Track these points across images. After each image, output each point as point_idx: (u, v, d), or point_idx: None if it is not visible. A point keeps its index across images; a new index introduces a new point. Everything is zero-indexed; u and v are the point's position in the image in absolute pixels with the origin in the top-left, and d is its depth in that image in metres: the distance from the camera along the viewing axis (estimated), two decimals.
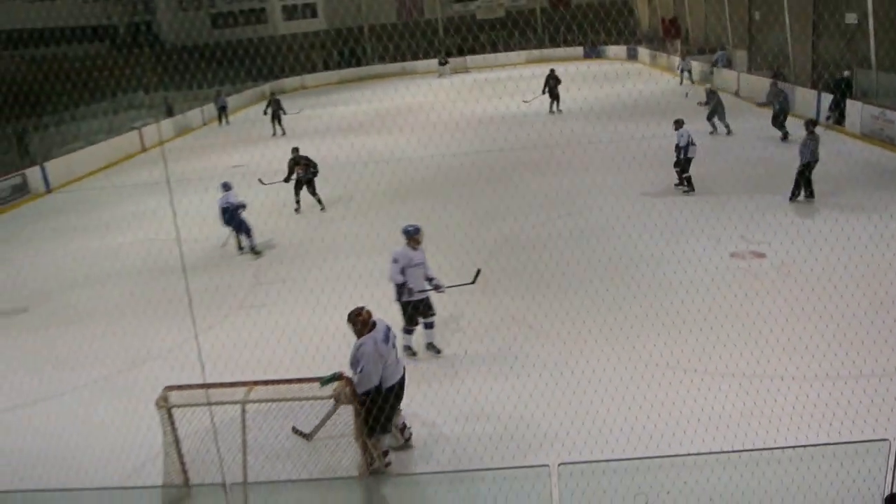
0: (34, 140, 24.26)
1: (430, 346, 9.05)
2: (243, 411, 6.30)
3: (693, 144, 14.60)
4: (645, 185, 15.24)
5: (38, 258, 14.87)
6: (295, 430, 7.07)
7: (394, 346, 6.83)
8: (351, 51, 48.72)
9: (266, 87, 41.80)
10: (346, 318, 6.75)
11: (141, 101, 30.92)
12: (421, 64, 45.72)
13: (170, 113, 31.65)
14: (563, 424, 7.08)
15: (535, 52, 46.18)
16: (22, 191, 21.49)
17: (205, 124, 33.89)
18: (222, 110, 33.24)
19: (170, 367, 9.05)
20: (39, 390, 9.18)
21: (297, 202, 15.91)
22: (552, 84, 25.67)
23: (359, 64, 48.63)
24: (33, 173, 22.07)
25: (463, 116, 24.63)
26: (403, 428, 7.16)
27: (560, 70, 26.39)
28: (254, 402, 6.47)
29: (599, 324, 9.15)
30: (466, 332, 9.33)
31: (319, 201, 15.85)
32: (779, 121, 18.44)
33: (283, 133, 26.66)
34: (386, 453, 6.76)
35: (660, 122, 18.14)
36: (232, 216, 13.40)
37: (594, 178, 15.93)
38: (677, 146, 14.66)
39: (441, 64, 44.40)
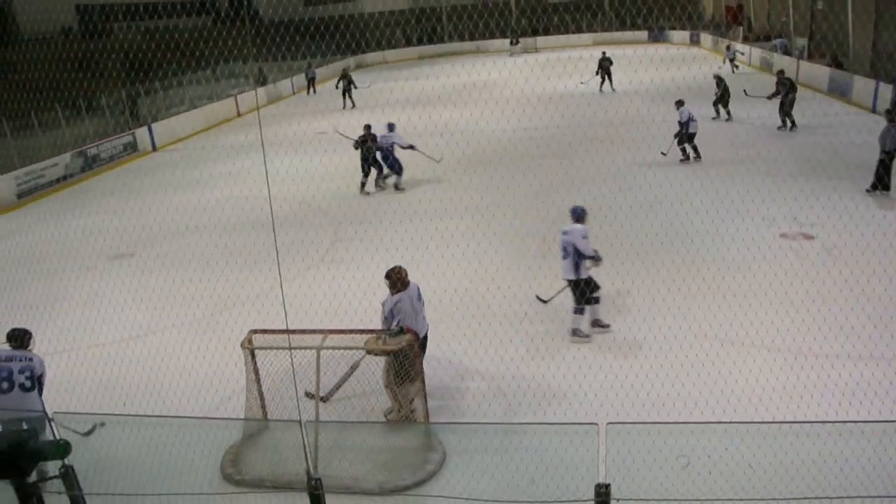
0: (145, 102, 24.88)
1: (597, 323, 8.30)
2: (318, 356, 6.39)
3: (693, 121, 15.13)
4: (699, 164, 14.80)
5: (144, 209, 15.34)
6: (308, 394, 6.68)
7: (422, 302, 6.95)
8: (430, 29, 48.34)
9: (351, 61, 41.86)
10: (413, 277, 6.78)
11: (237, 70, 31.32)
12: (494, 43, 45.05)
13: (263, 82, 32.02)
14: (613, 387, 6.98)
15: (602, 35, 44.99)
16: (132, 148, 22.16)
17: (294, 93, 34.20)
18: (311, 81, 33.47)
19: (256, 312, 9.25)
20: (143, 326, 9.52)
21: (364, 182, 14.92)
22: (605, 66, 25.45)
23: (437, 41, 48.24)
24: (142, 133, 22.71)
25: (532, 93, 24.25)
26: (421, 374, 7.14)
27: (627, 53, 25.73)
28: (328, 348, 6.56)
29: (653, 294, 8.96)
30: (527, 295, 9.23)
31: (384, 180, 15.06)
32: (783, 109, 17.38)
33: (353, 106, 26.76)
34: (412, 401, 6.77)
35: (753, 102, 17.60)
36: (386, 155, 14.53)
37: (652, 155, 15.52)
38: (679, 122, 15.16)
39: (513, 44, 43.68)
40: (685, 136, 15.30)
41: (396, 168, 14.74)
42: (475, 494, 5.42)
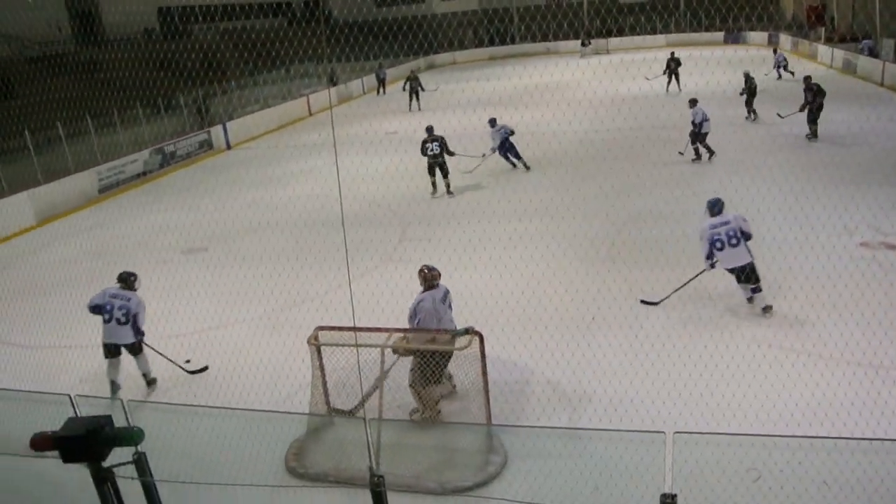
0: (221, 101, 25.60)
1: (766, 309, 8.44)
2: (382, 354, 6.45)
3: (707, 121, 15.33)
4: (774, 170, 14.28)
5: (217, 205, 15.77)
6: (336, 410, 6.75)
7: (450, 307, 7.00)
8: (500, 30, 48.26)
9: (421, 62, 42.13)
10: (480, 279, 6.78)
11: (310, 70, 31.94)
12: (564, 44, 44.63)
13: (333, 82, 32.57)
14: (682, 395, 6.82)
15: (677, 36, 44.05)
16: (207, 146, 22.85)
17: (365, 93, 34.64)
18: (382, 81, 33.88)
19: (324, 309, 9.39)
20: (214, 319, 9.78)
21: (434, 185, 14.89)
22: (672, 66, 25.18)
23: (506, 42, 48.11)
24: (217, 132, 23.39)
25: (604, 95, 23.93)
26: (450, 377, 7.13)
27: (704, 54, 25.10)
28: (393, 347, 6.61)
29: (726, 301, 8.72)
30: (595, 298, 9.10)
31: (448, 186, 14.82)
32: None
33: (419, 108, 26.84)
34: (437, 403, 6.80)
35: (792, 107, 16.96)
36: (503, 143, 15.60)
37: (722, 160, 15.13)
38: (692, 122, 15.41)
39: (583, 45, 43.17)
40: (698, 135, 15.47)
41: (514, 153, 16.00)
42: (537, 498, 5.37)
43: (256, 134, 24.96)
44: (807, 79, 16.71)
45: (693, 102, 15.66)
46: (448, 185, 14.82)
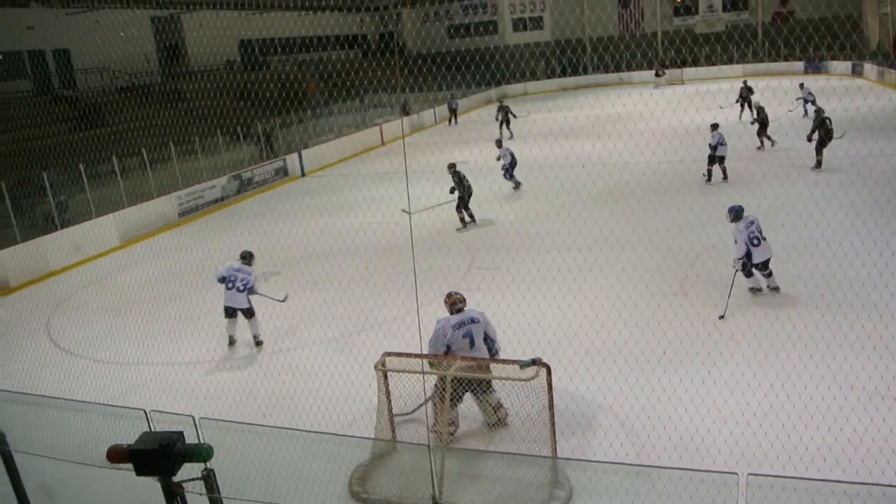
0: (297, 130, 26.30)
1: (776, 289, 9.97)
2: (447, 382, 6.44)
3: (722, 145, 16.62)
4: (857, 205, 13.74)
5: (290, 231, 16.13)
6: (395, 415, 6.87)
7: (469, 337, 6.90)
8: (572, 60, 48.28)
9: (493, 92, 42.46)
10: (549, 309, 6.72)
11: (383, 100, 32.57)
12: (637, 74, 44.32)
13: (406, 112, 33.14)
14: (756, 435, 6.56)
15: (754, 66, 43.17)
16: (283, 173, 23.49)
17: (436, 123, 35.08)
18: (453, 112, 34.29)
19: (392, 335, 9.45)
20: (284, 342, 9.97)
21: (462, 220, 15.07)
22: (745, 94, 24.82)
23: (578, 73, 48.08)
24: (292, 159, 24.04)
25: (679, 125, 23.66)
26: (497, 408, 7.01)
27: (783, 84, 24.62)
28: (458, 375, 6.59)
29: (805, 339, 8.38)
30: (666, 332, 8.90)
31: (467, 219, 15.06)
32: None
33: (511, 136, 26.93)
34: (451, 423, 6.79)
35: (877, 139, 16.35)
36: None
37: (801, 193, 14.66)
38: (710, 145, 16.68)
39: (657, 75, 42.78)
40: (713, 158, 16.79)
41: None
42: None
43: (330, 162, 25.53)
44: (817, 111, 17.42)
45: (714, 127, 16.90)
46: (472, 217, 15.16)
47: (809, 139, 16.97)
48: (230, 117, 22.74)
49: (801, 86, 25.26)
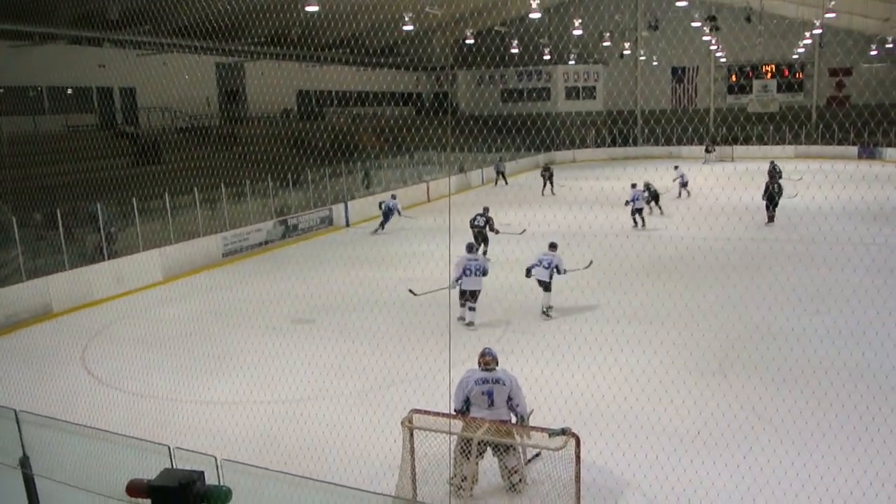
0: (346, 181, 26.73)
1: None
2: (475, 444, 6.32)
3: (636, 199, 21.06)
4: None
5: (329, 279, 16.26)
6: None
7: (489, 396, 6.88)
8: (623, 131, 48.55)
9: (540, 158, 42.78)
10: (582, 378, 6.61)
11: (433, 158, 33.03)
12: (687, 149, 44.35)
13: (462, 170, 33.64)
14: None
15: (806, 148, 42.89)
16: (328, 222, 23.82)
17: (483, 184, 35.39)
18: (500, 174, 34.61)
19: (421, 392, 9.33)
20: (313, 389, 9.93)
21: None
22: (774, 174, 24.14)
23: (628, 143, 48.28)
24: (338, 209, 24.40)
25: (727, 202, 23.51)
26: (512, 473, 6.89)
27: (836, 168, 24.32)
28: (486, 438, 6.47)
29: (847, 432, 8.06)
30: (702, 412, 8.65)
31: (485, 253, 17.00)
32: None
33: (553, 192, 27.07)
34: (464, 479, 6.74)
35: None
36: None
37: (850, 278, 14.33)
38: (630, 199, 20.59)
39: (707, 151, 42.76)
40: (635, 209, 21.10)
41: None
42: None
43: (375, 214, 25.80)
44: (771, 162, 19.00)
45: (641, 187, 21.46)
46: (485, 253, 17.11)
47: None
48: (282, 164, 23.27)
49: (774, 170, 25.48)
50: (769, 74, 47.74)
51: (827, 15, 34.39)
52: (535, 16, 32.83)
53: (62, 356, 11.83)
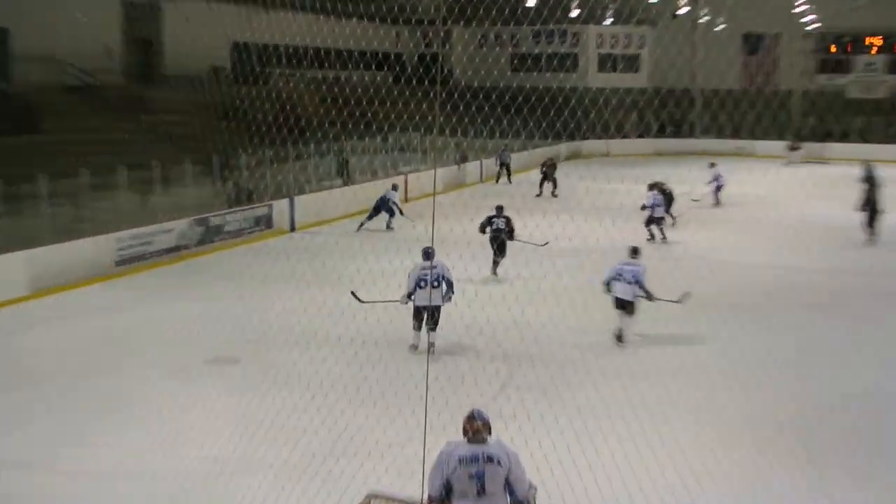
0: (293, 168, 26.50)
1: None
2: None
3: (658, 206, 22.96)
4: None
5: (264, 304, 16.00)
6: None
7: (479, 480, 6.56)
8: (675, 117, 48.64)
9: (561, 148, 42.71)
10: (613, 457, 6.35)
11: (413, 142, 32.91)
12: (763, 145, 44.59)
13: (464, 159, 33.60)
14: None
15: None
16: (265, 224, 23.63)
17: (481, 181, 35.34)
18: (505, 167, 34.56)
19: (383, 468, 9.10)
20: (231, 459, 9.65)
21: (495, 262, 18.84)
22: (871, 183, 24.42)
23: (682, 134, 48.36)
24: (281, 207, 24.18)
25: (812, 218, 23.52)
26: None
27: None
28: None
29: None
30: None
31: (496, 265, 18.74)
32: None
33: (554, 195, 27.23)
34: None
35: None
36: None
37: None
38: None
39: (791, 149, 42.96)
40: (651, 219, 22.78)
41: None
42: None
43: (332, 217, 25.60)
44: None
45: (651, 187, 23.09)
46: (496, 265, 18.78)
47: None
48: (207, 141, 22.99)
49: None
50: (875, 48, 48.10)
51: None
52: None
53: None
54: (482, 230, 18.80)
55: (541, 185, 31.88)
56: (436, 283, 13.06)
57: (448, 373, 11.99)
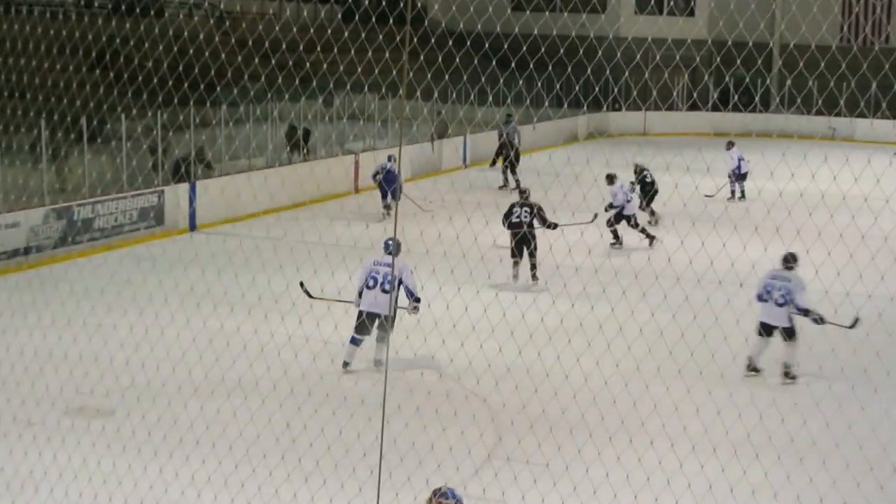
0: (197, 139, 26.49)
1: None
2: None
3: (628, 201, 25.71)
4: None
5: (146, 334, 15.88)
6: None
7: None
8: (742, 82, 48.87)
9: (582, 121, 42.80)
10: None
11: (370, 106, 32.94)
12: (866, 125, 44.87)
13: (436, 138, 33.66)
14: None
15: None
16: (154, 220, 23.64)
17: (464, 166, 35.44)
18: (509, 145, 34.45)
19: None
20: None
21: (515, 265, 20.98)
22: None
23: (753, 107, 48.57)
24: (175, 195, 24.15)
25: None
26: None
27: None
28: None
29: None
30: None
31: (534, 268, 20.72)
32: None
33: (517, 187, 27.60)
34: None
35: None
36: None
37: None
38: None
39: None
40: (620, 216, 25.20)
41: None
42: None
43: (247, 212, 25.56)
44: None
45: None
46: (534, 267, 20.61)
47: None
48: (70, 98, 22.90)
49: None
50: None
51: None
52: None
53: None
54: (504, 225, 20.75)
55: (504, 169, 33.13)
56: (386, 287, 13.59)
57: (411, 435, 12.08)
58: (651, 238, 24.95)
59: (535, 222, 20.54)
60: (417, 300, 14.63)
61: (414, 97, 33.16)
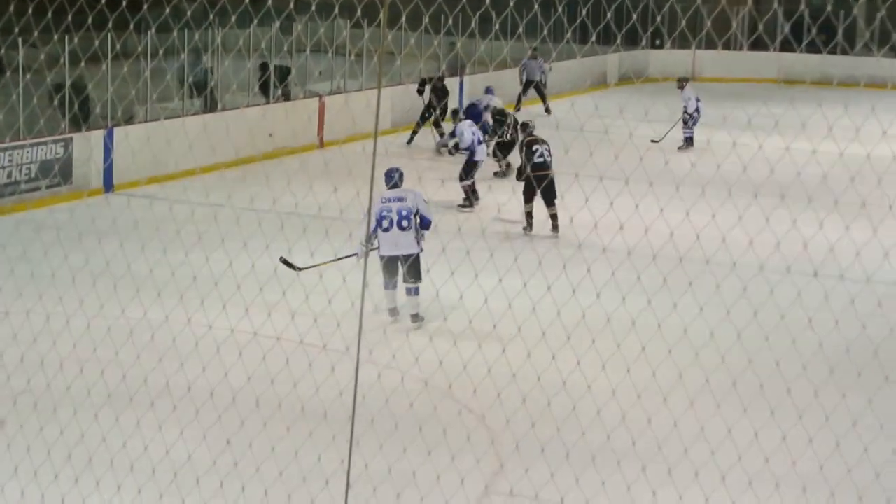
0: (114, 72, 26.56)
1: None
2: None
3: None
4: None
5: (58, 322, 15.98)
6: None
7: None
8: (818, 12, 48.90)
9: (612, 59, 42.95)
10: None
11: (341, 36, 33.03)
12: None
13: (425, 84, 33.68)
14: None
15: None
16: (60, 178, 23.75)
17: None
18: (532, 86, 34.53)
19: None
20: None
21: (529, 215, 22.97)
22: None
23: (833, 48, 48.65)
24: (87, 145, 24.25)
25: None
26: None
27: None
28: None
29: None
30: None
31: (555, 219, 22.24)
32: None
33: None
34: None
35: None
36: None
37: None
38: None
39: None
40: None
41: None
42: None
43: (179, 169, 25.59)
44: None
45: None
46: (554, 218, 22.23)
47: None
48: None
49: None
50: None
51: None
52: None
53: None
54: (522, 167, 21.89)
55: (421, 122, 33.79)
56: (404, 224, 13.75)
57: (386, 460, 12.13)
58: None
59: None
60: (428, 229, 15.16)
61: (398, 26, 33.43)
